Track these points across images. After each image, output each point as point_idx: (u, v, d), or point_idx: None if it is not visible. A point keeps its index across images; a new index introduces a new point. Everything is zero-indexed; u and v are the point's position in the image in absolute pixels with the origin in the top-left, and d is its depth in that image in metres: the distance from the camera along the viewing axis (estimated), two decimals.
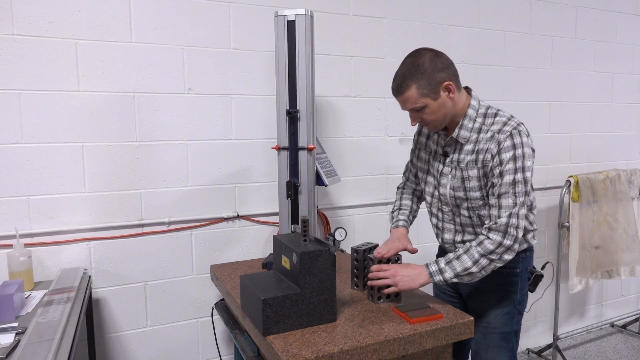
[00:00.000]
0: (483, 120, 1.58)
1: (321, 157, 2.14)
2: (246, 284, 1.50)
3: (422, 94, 1.50)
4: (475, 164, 1.56)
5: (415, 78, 1.49)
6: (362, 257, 1.72)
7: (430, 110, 1.53)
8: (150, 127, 2.12)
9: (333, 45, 2.44)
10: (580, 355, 3.19)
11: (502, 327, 1.71)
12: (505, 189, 1.50)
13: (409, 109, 1.56)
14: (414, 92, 1.50)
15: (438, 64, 1.51)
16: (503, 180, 1.50)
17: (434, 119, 1.55)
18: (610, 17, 3.28)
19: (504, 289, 1.71)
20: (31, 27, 1.90)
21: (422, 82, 1.49)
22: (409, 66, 1.51)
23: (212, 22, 2.18)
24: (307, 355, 1.26)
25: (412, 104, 1.52)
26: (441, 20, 2.70)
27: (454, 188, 1.62)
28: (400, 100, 1.55)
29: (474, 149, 1.57)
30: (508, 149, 1.49)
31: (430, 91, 1.50)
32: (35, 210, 1.96)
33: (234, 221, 2.32)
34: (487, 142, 1.54)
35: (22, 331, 1.43)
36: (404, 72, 1.52)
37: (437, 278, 1.55)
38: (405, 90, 1.51)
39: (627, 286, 3.67)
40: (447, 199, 1.66)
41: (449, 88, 1.52)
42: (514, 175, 1.49)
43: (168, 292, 2.22)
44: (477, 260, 1.51)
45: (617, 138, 3.43)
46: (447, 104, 1.54)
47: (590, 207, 3.02)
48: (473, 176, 1.57)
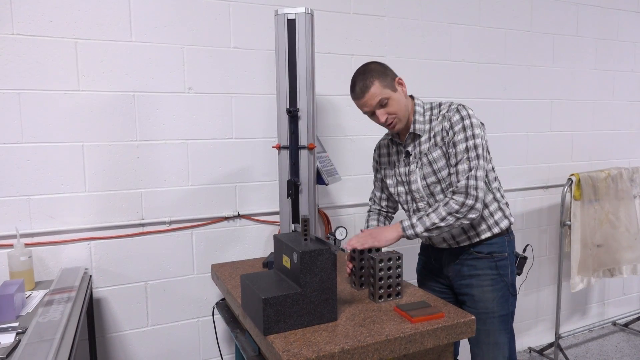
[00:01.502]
0: (431, 112, 1.77)
1: (322, 156, 2.14)
2: (247, 284, 1.50)
3: (384, 86, 1.67)
4: (436, 146, 1.72)
5: (374, 76, 1.67)
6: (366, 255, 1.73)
7: (393, 102, 1.69)
8: (151, 126, 2.12)
9: (333, 43, 2.44)
10: (582, 354, 3.19)
11: (500, 311, 1.79)
12: (460, 156, 1.66)
13: (374, 104, 1.68)
14: (377, 86, 1.66)
15: (385, 66, 1.73)
16: (457, 149, 1.66)
17: (398, 110, 1.70)
18: (611, 15, 3.27)
19: (497, 273, 1.78)
20: (31, 26, 1.89)
21: (381, 77, 1.67)
22: (364, 71, 1.69)
23: (212, 21, 2.18)
24: (308, 355, 1.25)
25: (379, 96, 1.67)
26: (442, 18, 2.70)
27: (425, 176, 1.76)
28: (367, 98, 1.68)
29: (431, 135, 1.74)
30: (457, 122, 1.67)
31: (389, 85, 1.68)
32: (35, 209, 1.96)
33: (235, 220, 2.32)
34: (440, 123, 1.72)
35: (22, 331, 1.43)
36: (363, 76, 1.68)
37: (409, 232, 1.67)
38: (369, 87, 1.66)
39: (629, 285, 3.66)
40: (420, 192, 1.79)
41: (401, 82, 1.73)
42: (466, 143, 1.65)
43: (169, 292, 2.22)
44: (444, 217, 1.64)
45: (619, 136, 3.42)
46: (403, 97, 1.73)
47: (592, 206, 3.01)
48: (438, 157, 1.72)
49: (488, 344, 1.80)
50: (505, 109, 2.96)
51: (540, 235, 3.22)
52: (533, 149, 3.09)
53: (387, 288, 1.64)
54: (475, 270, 1.79)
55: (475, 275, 1.79)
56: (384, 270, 1.63)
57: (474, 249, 1.79)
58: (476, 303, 1.79)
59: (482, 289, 1.79)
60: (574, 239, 3.00)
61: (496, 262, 1.78)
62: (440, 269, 1.90)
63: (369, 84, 1.66)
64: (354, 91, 1.71)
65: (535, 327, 3.28)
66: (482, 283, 1.78)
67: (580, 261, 2.99)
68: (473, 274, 1.80)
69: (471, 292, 1.81)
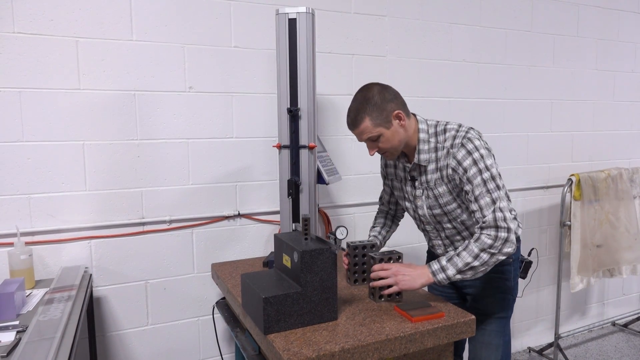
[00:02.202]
0: (436, 139, 1.66)
1: (322, 156, 2.14)
2: (247, 283, 1.50)
3: (375, 124, 1.59)
4: (442, 181, 1.66)
5: (368, 110, 1.58)
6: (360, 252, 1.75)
7: (385, 139, 1.62)
8: (151, 125, 2.12)
9: (334, 43, 2.44)
10: (581, 354, 3.19)
11: (499, 313, 1.80)
12: (479, 191, 1.56)
13: (365, 139, 1.64)
14: (368, 123, 1.59)
15: (387, 95, 1.61)
16: (473, 184, 1.57)
17: (390, 147, 1.64)
18: (612, 15, 3.27)
19: (499, 277, 1.78)
20: (32, 25, 1.89)
21: (374, 113, 1.58)
22: (361, 101, 1.61)
23: (213, 20, 2.18)
24: (308, 354, 1.25)
25: (368, 134, 1.61)
26: (442, 18, 2.70)
27: (431, 207, 1.72)
28: (357, 132, 1.63)
29: (437, 167, 1.66)
30: (465, 158, 1.58)
31: (382, 121, 1.59)
32: (36, 208, 1.96)
33: (235, 220, 2.32)
34: (445, 159, 1.63)
35: (23, 329, 1.43)
36: (356, 107, 1.61)
37: (440, 276, 1.56)
38: (360, 123, 1.60)
39: (628, 285, 3.67)
40: (427, 218, 1.76)
41: (399, 116, 1.61)
42: (481, 176, 1.56)
43: (169, 291, 2.22)
44: (478, 254, 1.54)
45: (619, 136, 3.42)
46: (400, 131, 1.63)
47: (592, 206, 3.01)
48: (444, 192, 1.66)
49: (482, 343, 1.81)
50: (505, 109, 2.96)
51: (540, 235, 3.22)
52: (533, 149, 3.09)
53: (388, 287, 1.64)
54: None
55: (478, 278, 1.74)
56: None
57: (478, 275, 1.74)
58: (474, 302, 1.81)
59: (480, 289, 1.80)
60: (573, 239, 3.01)
61: (499, 267, 1.74)
62: None
63: (360, 120, 1.59)
64: (347, 118, 1.66)
65: (534, 327, 3.28)
66: (482, 284, 1.79)
67: (580, 261, 2.99)
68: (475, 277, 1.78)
69: (472, 291, 1.82)
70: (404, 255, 2.63)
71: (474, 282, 1.79)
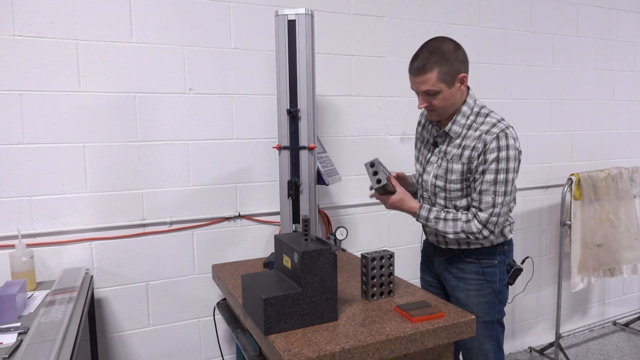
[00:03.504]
0: (475, 119, 1.67)
1: (322, 156, 2.14)
2: (248, 284, 1.50)
3: (441, 79, 1.56)
4: (460, 159, 1.66)
5: (439, 62, 1.55)
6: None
7: (442, 97, 1.59)
8: (152, 127, 2.12)
9: (334, 44, 2.44)
10: (582, 354, 3.19)
11: (485, 317, 1.78)
12: (486, 187, 1.59)
13: (423, 90, 1.60)
14: (434, 75, 1.55)
15: (459, 55, 1.60)
16: (484, 178, 1.59)
17: (442, 106, 1.62)
18: (611, 15, 3.27)
19: (483, 279, 1.78)
20: (32, 27, 1.90)
21: (444, 67, 1.55)
22: (434, 50, 1.56)
23: (212, 21, 2.19)
24: (309, 355, 1.26)
25: (429, 86, 1.57)
26: (442, 18, 2.70)
27: (436, 176, 1.73)
28: (419, 80, 1.58)
29: (460, 144, 1.66)
30: (493, 150, 1.58)
31: (448, 78, 1.57)
32: (37, 210, 1.96)
33: (236, 221, 2.32)
34: (474, 140, 1.63)
35: (24, 331, 1.44)
36: (427, 55, 1.56)
37: (420, 220, 1.72)
38: (426, 72, 1.55)
39: (629, 284, 3.66)
40: (427, 185, 1.78)
41: (463, 80, 1.61)
42: (496, 176, 1.58)
43: (170, 292, 2.22)
44: (458, 232, 1.64)
45: (619, 136, 3.42)
46: (457, 95, 1.62)
47: (592, 205, 3.01)
48: (456, 170, 1.67)
49: (472, 349, 1.80)
50: (505, 109, 2.96)
51: (541, 235, 3.22)
52: (533, 149, 3.09)
53: (380, 286, 1.65)
54: (462, 273, 1.80)
55: (462, 278, 1.80)
56: (377, 269, 1.64)
57: (463, 253, 1.79)
58: (462, 306, 1.77)
59: (467, 292, 1.78)
60: (574, 238, 3.01)
61: (483, 268, 1.77)
62: (433, 266, 1.92)
63: (429, 68, 1.55)
64: (412, 63, 1.60)
65: (535, 327, 3.28)
66: (468, 287, 1.78)
67: (580, 261, 2.99)
68: (460, 276, 1.80)
69: (457, 294, 1.81)
70: (401, 255, 2.63)
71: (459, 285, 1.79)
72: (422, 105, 1.63)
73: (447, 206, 1.74)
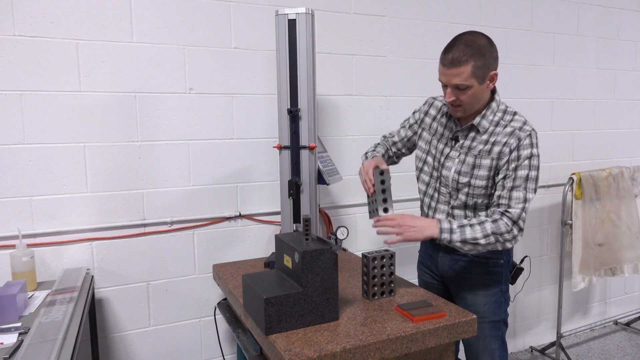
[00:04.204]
0: (502, 116, 1.67)
1: (323, 156, 2.14)
2: (248, 283, 1.50)
3: (473, 74, 1.52)
4: (489, 155, 1.63)
5: (475, 56, 1.51)
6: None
7: (471, 93, 1.56)
8: (152, 127, 2.12)
9: (334, 43, 2.44)
10: (583, 353, 3.18)
11: (492, 316, 1.76)
12: (519, 183, 1.58)
13: (454, 84, 1.55)
14: (469, 69, 1.51)
15: (494, 52, 1.57)
16: (517, 174, 1.58)
17: (469, 102, 1.59)
18: (612, 14, 3.26)
19: (490, 279, 1.76)
20: (32, 27, 1.90)
21: (479, 62, 1.52)
22: (469, 43, 1.52)
23: (212, 21, 2.18)
24: (310, 354, 1.25)
25: (462, 80, 1.53)
26: (442, 17, 2.70)
27: (460, 172, 1.68)
28: (451, 72, 1.54)
29: (488, 140, 1.64)
30: (526, 147, 1.59)
31: (480, 74, 1.53)
32: (37, 210, 1.96)
33: (236, 220, 2.32)
34: (505, 136, 1.62)
35: (25, 331, 1.44)
36: (464, 48, 1.52)
37: (445, 236, 1.56)
38: (462, 65, 1.51)
39: (630, 284, 3.66)
40: (448, 181, 1.72)
41: (493, 78, 1.59)
42: (528, 172, 1.58)
43: (170, 292, 2.22)
44: (488, 235, 1.55)
45: (620, 135, 3.42)
46: (485, 92, 1.60)
47: (594, 205, 3.01)
48: (485, 165, 1.64)
49: (478, 349, 1.78)
50: None
51: (542, 234, 3.22)
52: None
53: (381, 286, 1.65)
54: (468, 273, 1.77)
55: (468, 278, 1.78)
56: (377, 269, 1.63)
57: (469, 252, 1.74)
58: (468, 307, 1.75)
59: (474, 292, 1.77)
60: (575, 238, 3.00)
61: (491, 268, 1.76)
62: (435, 266, 1.88)
63: (464, 61, 1.51)
64: (445, 54, 1.56)
65: (536, 327, 3.28)
66: (475, 287, 1.76)
67: (581, 260, 2.99)
68: (466, 276, 1.78)
69: (463, 294, 1.79)
70: (402, 255, 2.63)
71: (465, 284, 1.78)
72: (450, 99, 1.59)
73: (466, 202, 1.69)
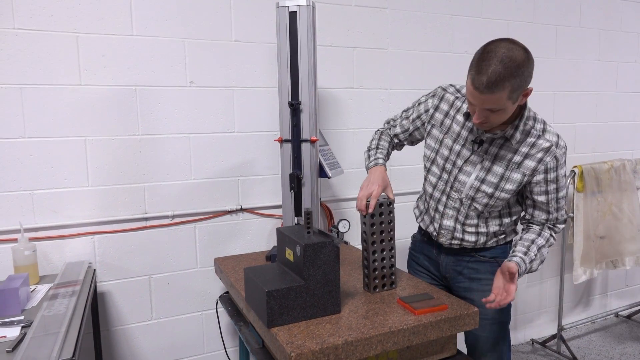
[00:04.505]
0: (533, 124, 1.57)
1: (324, 149, 2.14)
2: (250, 277, 1.50)
3: (509, 98, 1.36)
4: (519, 168, 1.56)
5: (511, 79, 1.32)
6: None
7: (502, 112, 1.41)
8: (153, 120, 2.11)
9: (335, 36, 2.43)
10: (584, 346, 3.19)
11: (499, 317, 1.73)
12: (563, 204, 1.63)
13: (485, 107, 1.39)
14: (505, 94, 1.34)
15: (531, 69, 1.39)
16: (559, 195, 1.61)
17: (499, 121, 1.45)
18: (615, 6, 3.24)
19: None
20: (32, 20, 1.89)
21: (516, 85, 1.35)
22: (508, 62, 1.32)
23: (213, 14, 2.17)
24: (312, 347, 1.26)
25: (494, 105, 1.37)
26: (444, 10, 2.68)
27: (484, 181, 1.59)
28: (485, 97, 1.36)
29: (519, 150, 1.55)
30: (562, 166, 1.59)
31: (515, 96, 1.38)
32: (39, 204, 1.96)
33: (238, 214, 2.32)
34: (541, 152, 1.55)
35: (28, 324, 1.44)
36: (502, 71, 1.32)
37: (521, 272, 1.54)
38: (498, 90, 1.33)
39: (631, 276, 3.66)
40: (463, 187, 1.62)
41: (527, 93, 1.44)
42: (566, 191, 1.65)
43: (172, 285, 2.23)
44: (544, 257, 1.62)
45: (622, 127, 3.41)
46: (514, 107, 1.44)
47: (595, 197, 3.00)
48: (514, 180, 1.57)
49: (486, 351, 1.74)
50: None
51: None
52: None
53: (382, 278, 1.64)
54: (476, 273, 1.72)
55: (476, 279, 1.73)
56: (378, 261, 1.63)
57: (477, 253, 1.72)
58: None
59: (482, 294, 1.69)
60: (576, 230, 3.00)
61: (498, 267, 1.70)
62: (437, 267, 1.82)
63: (500, 87, 1.32)
64: (478, 75, 1.34)
65: (537, 319, 3.28)
66: (484, 288, 1.70)
67: (583, 253, 2.99)
68: (474, 277, 1.73)
69: (471, 296, 1.72)
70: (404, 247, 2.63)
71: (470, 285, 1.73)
72: (478, 121, 1.43)
73: (482, 212, 1.63)
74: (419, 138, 1.82)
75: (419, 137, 1.81)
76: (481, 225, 1.67)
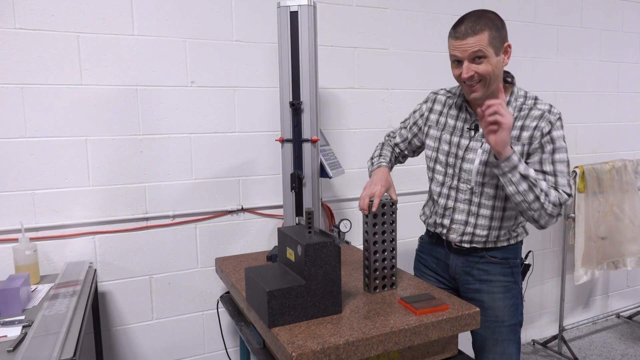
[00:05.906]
0: (524, 100, 1.61)
1: (325, 149, 2.13)
2: (251, 276, 1.50)
3: (490, 43, 1.47)
4: (518, 141, 1.57)
5: (489, 26, 1.47)
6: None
7: (488, 63, 1.49)
8: (154, 120, 2.11)
9: (336, 36, 2.43)
10: (586, 346, 3.19)
11: (510, 319, 1.69)
12: (561, 168, 1.55)
13: (469, 53, 1.48)
14: (486, 36, 1.46)
15: (504, 25, 1.53)
16: (555, 157, 1.55)
17: (489, 74, 1.50)
18: (616, 6, 3.24)
19: (509, 280, 1.70)
20: (33, 20, 1.89)
21: (494, 32, 1.47)
22: (481, 15, 1.49)
23: (214, 13, 2.17)
24: (313, 347, 1.25)
25: (479, 47, 1.46)
26: (445, 10, 2.68)
27: (488, 163, 1.59)
28: (468, 41, 1.47)
29: (514, 125, 1.57)
30: (558, 129, 1.56)
31: (496, 44, 1.49)
32: (40, 204, 1.96)
33: (238, 214, 2.32)
34: (535, 120, 1.56)
35: (28, 324, 1.44)
36: (477, 18, 1.48)
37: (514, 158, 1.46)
38: (479, 32, 1.46)
39: (633, 277, 3.66)
40: (471, 175, 1.63)
41: (507, 50, 1.53)
42: (566, 154, 1.57)
43: (173, 285, 2.23)
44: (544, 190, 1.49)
45: (623, 128, 3.40)
46: (500, 66, 1.53)
47: (596, 198, 3.00)
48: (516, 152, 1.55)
49: (495, 354, 1.70)
50: None
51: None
52: None
53: (382, 279, 1.64)
54: (486, 275, 1.69)
55: (486, 281, 1.69)
56: (379, 261, 1.63)
57: (487, 253, 1.69)
58: (485, 310, 1.67)
59: (493, 295, 1.67)
60: (578, 231, 3.00)
61: (511, 269, 1.69)
62: (445, 269, 1.79)
63: (480, 29, 1.46)
64: (456, 28, 1.50)
65: (539, 320, 3.28)
66: (494, 290, 1.68)
67: (584, 253, 2.99)
68: (484, 279, 1.70)
69: (480, 298, 1.69)
70: (405, 248, 2.62)
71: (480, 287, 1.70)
72: (468, 74, 1.50)
73: (495, 195, 1.61)
74: (418, 145, 1.86)
75: (419, 143, 1.86)
76: (495, 219, 1.64)
